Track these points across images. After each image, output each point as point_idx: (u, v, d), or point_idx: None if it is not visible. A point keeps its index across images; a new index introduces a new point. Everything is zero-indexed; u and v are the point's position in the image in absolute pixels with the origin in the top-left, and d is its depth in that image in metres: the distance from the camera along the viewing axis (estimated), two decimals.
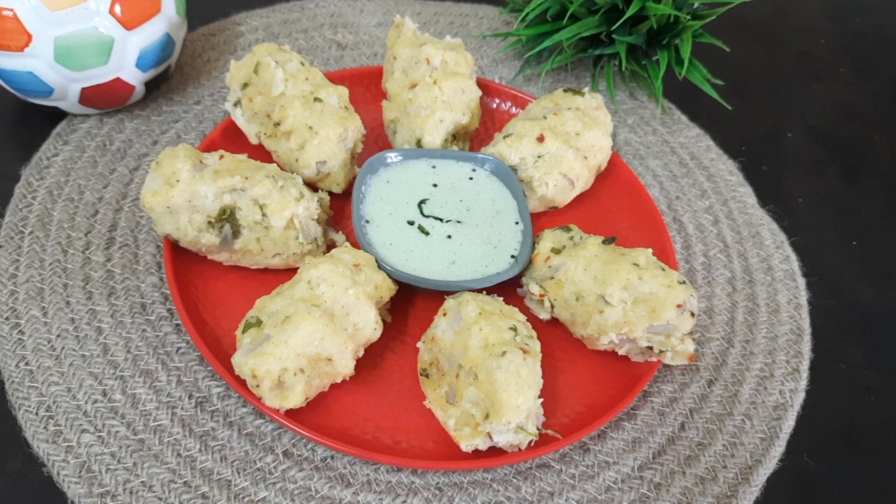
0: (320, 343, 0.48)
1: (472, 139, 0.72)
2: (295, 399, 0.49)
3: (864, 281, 0.70)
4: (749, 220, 0.72)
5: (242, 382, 0.50)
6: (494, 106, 0.78)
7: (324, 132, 0.61)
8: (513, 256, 0.59)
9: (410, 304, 0.60)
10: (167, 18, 0.66)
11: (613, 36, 0.76)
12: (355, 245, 0.59)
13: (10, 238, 0.60)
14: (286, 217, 0.55)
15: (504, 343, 0.49)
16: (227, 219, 0.55)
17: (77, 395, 0.52)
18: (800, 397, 0.59)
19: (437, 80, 0.66)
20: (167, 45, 0.68)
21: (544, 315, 0.58)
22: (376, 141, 0.72)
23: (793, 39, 1.00)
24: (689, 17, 0.74)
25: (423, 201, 0.62)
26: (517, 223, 0.62)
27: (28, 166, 0.66)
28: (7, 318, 0.55)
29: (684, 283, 0.55)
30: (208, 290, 0.57)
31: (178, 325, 0.56)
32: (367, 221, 0.60)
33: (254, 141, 0.65)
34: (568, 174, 0.65)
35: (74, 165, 0.67)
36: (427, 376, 0.53)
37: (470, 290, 0.57)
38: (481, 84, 0.74)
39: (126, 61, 0.65)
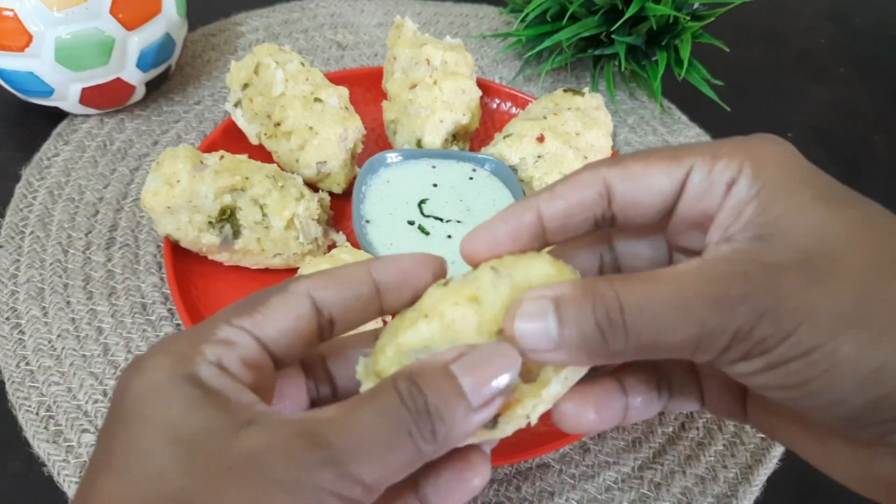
0: None
1: (472, 139, 0.72)
2: None
3: None
4: None
5: None
6: (494, 106, 0.78)
7: (324, 132, 0.61)
8: None
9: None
10: (168, 19, 0.66)
11: (613, 36, 0.76)
12: (355, 245, 0.59)
13: (10, 238, 0.60)
14: (286, 217, 0.55)
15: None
16: (227, 219, 0.55)
17: (78, 395, 0.52)
18: None
19: (438, 81, 0.66)
20: (168, 46, 0.68)
21: None
22: (376, 141, 0.72)
23: (793, 39, 1.00)
24: (688, 18, 0.74)
25: (423, 201, 0.62)
26: None
27: (28, 166, 0.66)
28: (7, 318, 0.55)
29: None
30: (208, 290, 0.57)
31: (178, 325, 0.57)
32: (368, 221, 0.60)
33: (254, 141, 0.65)
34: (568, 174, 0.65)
35: (75, 165, 0.67)
36: None
37: None
38: (481, 84, 0.74)
39: (127, 61, 0.65)
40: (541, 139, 0.64)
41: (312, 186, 0.63)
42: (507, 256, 0.30)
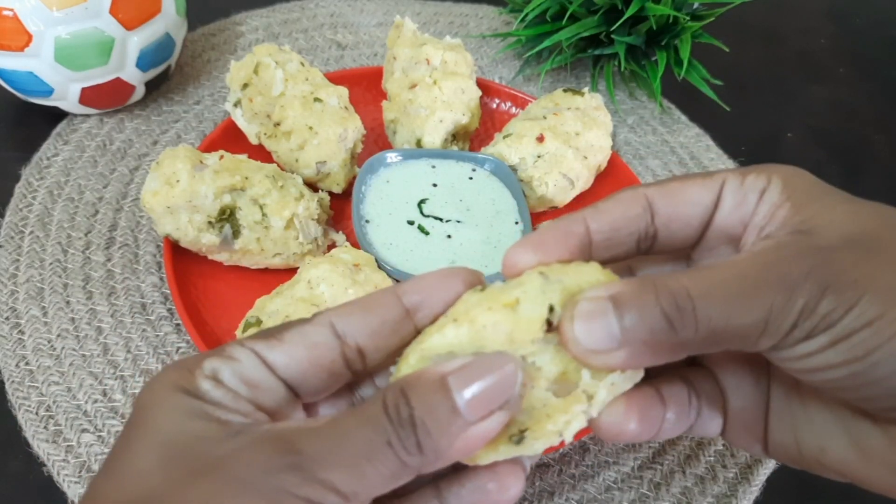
0: None
1: (472, 139, 0.72)
2: None
3: None
4: None
5: None
6: (494, 106, 0.78)
7: (324, 132, 0.61)
8: None
9: None
10: (167, 18, 0.66)
11: (613, 36, 0.76)
12: (355, 245, 0.59)
13: (10, 238, 0.60)
14: (286, 217, 0.55)
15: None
16: (227, 219, 0.55)
17: (77, 394, 0.52)
18: None
19: (437, 81, 0.66)
20: (167, 45, 0.68)
21: None
22: (376, 141, 0.72)
23: (793, 39, 1.00)
24: (688, 18, 0.74)
25: (422, 201, 0.62)
26: (517, 223, 0.62)
27: (28, 166, 0.66)
28: (7, 318, 0.55)
29: None
30: (208, 290, 0.57)
31: (178, 324, 0.57)
32: (367, 221, 0.60)
33: (254, 141, 0.65)
34: (568, 174, 0.65)
35: (75, 165, 0.67)
36: None
37: None
38: (481, 84, 0.74)
39: (126, 61, 0.65)
40: (540, 139, 0.64)
41: (312, 186, 0.63)
42: (553, 264, 0.30)
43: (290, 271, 0.58)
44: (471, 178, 0.65)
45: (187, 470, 0.24)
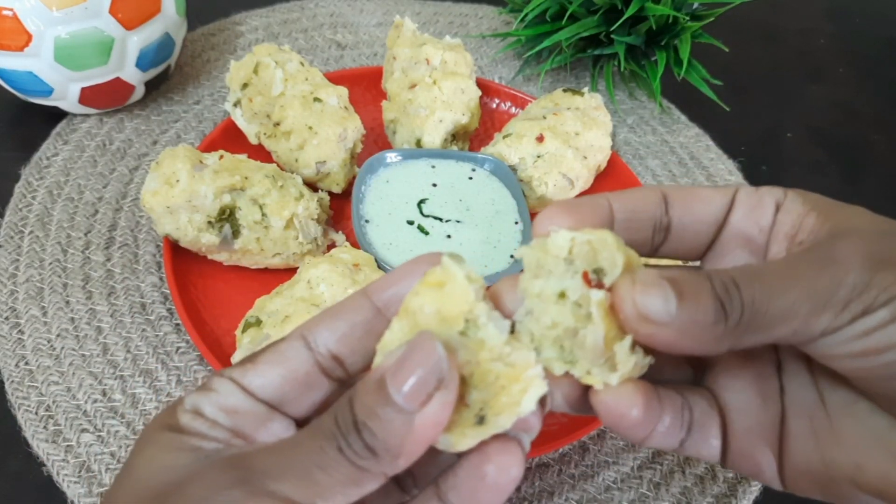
0: None
1: (471, 139, 0.72)
2: None
3: None
4: None
5: None
6: (494, 106, 0.78)
7: (323, 132, 0.61)
8: (512, 256, 0.60)
9: None
10: (167, 18, 0.66)
11: (612, 36, 0.76)
12: (355, 245, 0.59)
13: (9, 238, 0.60)
14: (286, 217, 0.55)
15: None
16: (226, 219, 0.55)
17: (77, 394, 0.52)
18: None
19: (437, 81, 0.66)
20: (167, 45, 0.68)
21: None
22: (376, 141, 0.72)
23: (793, 39, 1.00)
24: (687, 18, 0.74)
25: (422, 201, 0.62)
26: (517, 223, 0.62)
27: (28, 166, 0.66)
28: (7, 318, 0.55)
29: None
30: (208, 290, 0.57)
31: (177, 324, 0.56)
32: (367, 221, 0.60)
33: (254, 141, 0.65)
34: (567, 174, 0.65)
35: (74, 165, 0.67)
36: None
37: None
38: (481, 84, 0.74)
39: (126, 61, 0.65)
40: (540, 139, 0.64)
41: (312, 186, 0.63)
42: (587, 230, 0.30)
43: (290, 271, 0.58)
44: (470, 178, 0.65)
45: (149, 497, 0.25)
